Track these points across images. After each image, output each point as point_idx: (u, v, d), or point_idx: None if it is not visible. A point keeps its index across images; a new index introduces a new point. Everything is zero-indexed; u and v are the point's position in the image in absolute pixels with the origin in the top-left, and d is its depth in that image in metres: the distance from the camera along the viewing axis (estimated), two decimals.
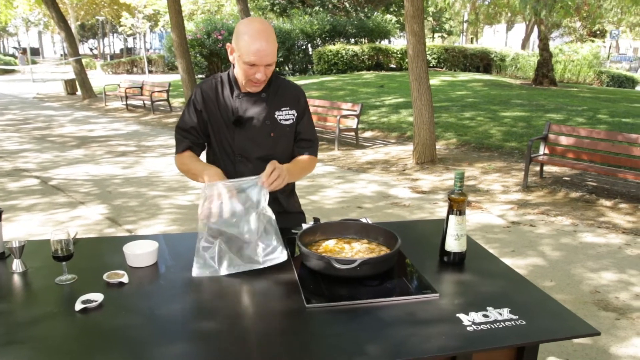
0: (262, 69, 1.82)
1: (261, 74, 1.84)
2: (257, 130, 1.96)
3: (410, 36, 6.94)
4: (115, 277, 1.53)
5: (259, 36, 1.77)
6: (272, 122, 1.98)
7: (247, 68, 1.82)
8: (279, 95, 2.01)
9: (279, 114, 1.99)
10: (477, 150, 8.14)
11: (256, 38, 1.77)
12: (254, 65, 1.80)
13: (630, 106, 11.97)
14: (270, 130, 1.98)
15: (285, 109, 2.01)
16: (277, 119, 1.99)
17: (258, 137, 1.97)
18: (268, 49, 1.79)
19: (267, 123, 1.97)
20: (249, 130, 1.96)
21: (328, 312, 1.38)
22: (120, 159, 7.61)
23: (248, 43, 1.77)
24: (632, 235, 4.65)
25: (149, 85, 13.29)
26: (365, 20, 23.83)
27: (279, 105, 2.00)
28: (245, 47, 1.78)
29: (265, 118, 1.97)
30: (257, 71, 1.82)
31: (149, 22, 37.45)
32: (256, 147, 1.97)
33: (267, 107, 1.98)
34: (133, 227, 4.70)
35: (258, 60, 1.79)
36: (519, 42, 30.33)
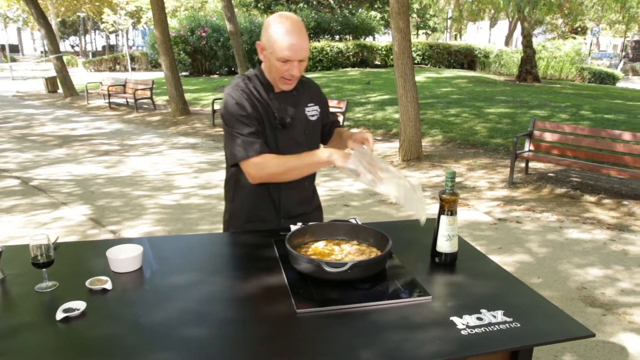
0: (295, 65, 1.77)
1: (295, 70, 1.78)
2: (296, 130, 1.93)
3: (396, 33, 6.92)
4: (99, 283, 1.48)
5: (291, 31, 1.72)
6: (304, 119, 1.96)
7: (281, 65, 1.76)
8: (305, 91, 1.98)
9: (307, 110, 1.98)
10: (463, 147, 8.17)
11: (288, 33, 1.72)
12: (287, 62, 1.75)
13: (611, 102, 12.14)
14: (304, 128, 1.96)
15: (311, 105, 2.00)
16: (307, 115, 1.97)
17: (298, 137, 1.93)
18: (301, 43, 1.74)
19: (302, 121, 1.95)
20: (291, 130, 1.91)
21: (319, 317, 1.34)
22: (103, 158, 7.49)
23: (280, 38, 1.72)
24: (616, 230, 4.69)
25: (132, 83, 13.11)
26: (350, 17, 23.82)
27: (306, 102, 1.98)
28: (278, 43, 1.72)
29: (300, 116, 1.94)
30: (291, 67, 1.77)
31: (131, 18, 36.98)
32: (297, 147, 1.90)
33: (300, 105, 1.95)
34: (117, 227, 4.62)
35: (292, 55, 1.74)
36: (503, 39, 30.56)
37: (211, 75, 20.58)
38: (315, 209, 2.18)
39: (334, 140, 2.11)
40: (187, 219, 4.86)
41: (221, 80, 18.25)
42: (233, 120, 1.82)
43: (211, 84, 16.97)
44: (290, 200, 2.01)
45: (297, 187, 1.98)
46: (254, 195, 1.98)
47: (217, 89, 15.72)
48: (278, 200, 1.99)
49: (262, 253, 1.75)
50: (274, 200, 1.99)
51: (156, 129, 10.19)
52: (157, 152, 8.02)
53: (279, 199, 1.99)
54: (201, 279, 1.56)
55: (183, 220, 4.84)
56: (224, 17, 15.89)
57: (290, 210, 2.03)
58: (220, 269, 1.66)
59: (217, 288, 1.50)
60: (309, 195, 2.12)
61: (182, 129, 10.14)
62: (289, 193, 1.99)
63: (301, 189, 2.01)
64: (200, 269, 1.64)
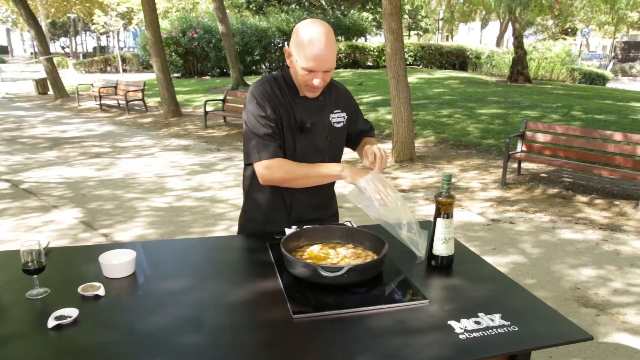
0: (320, 75, 1.74)
1: (319, 80, 1.75)
2: (317, 135, 1.90)
3: (388, 34, 6.93)
4: (91, 289, 1.45)
5: (318, 40, 1.68)
6: (327, 125, 1.93)
7: (305, 74, 1.74)
8: (332, 97, 1.95)
9: (333, 117, 1.94)
10: (455, 147, 8.19)
11: (314, 42, 1.68)
12: (312, 72, 1.72)
13: (602, 103, 12.22)
14: (326, 134, 1.93)
15: (337, 111, 1.96)
16: (331, 122, 1.94)
17: (318, 142, 1.91)
18: (327, 54, 1.70)
19: (324, 127, 1.92)
20: (310, 135, 1.88)
21: (315, 322, 1.33)
22: (95, 161, 7.43)
23: (306, 47, 1.69)
24: (608, 230, 4.72)
25: (124, 85, 13.02)
26: (342, 18, 23.84)
27: (333, 108, 1.95)
28: (303, 52, 1.69)
29: (323, 122, 1.91)
30: (315, 77, 1.74)
31: (122, 20, 36.80)
32: (315, 153, 1.89)
33: (324, 110, 1.92)
34: (109, 231, 4.58)
35: (316, 66, 1.71)
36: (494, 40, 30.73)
37: (203, 77, 20.51)
38: (331, 215, 2.13)
39: (359, 149, 2.07)
40: (179, 222, 4.83)
41: (213, 82, 18.19)
42: (252, 118, 1.81)
43: (203, 86, 16.92)
44: (303, 204, 1.97)
45: (312, 191, 1.93)
46: (268, 195, 1.96)
47: (210, 90, 15.66)
48: (290, 203, 1.97)
49: (257, 257, 1.73)
50: (286, 203, 1.97)
51: (148, 131, 10.13)
52: (149, 154, 7.97)
53: (291, 202, 1.96)
54: (196, 284, 1.53)
55: (176, 223, 4.80)
56: (215, 19, 15.85)
57: (303, 215, 1.99)
58: (215, 273, 1.64)
59: (211, 293, 1.48)
60: (325, 200, 2.07)
61: (174, 131, 10.08)
62: (302, 197, 1.95)
63: (316, 193, 1.96)
64: (194, 273, 1.62)
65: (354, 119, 2.05)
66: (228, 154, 7.98)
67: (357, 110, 2.08)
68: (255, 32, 20.44)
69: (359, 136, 2.09)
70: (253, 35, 20.31)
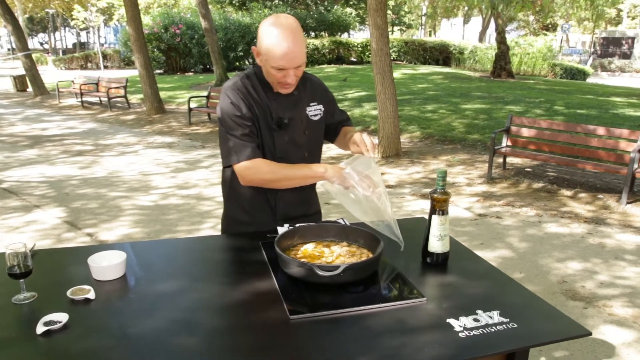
0: (291, 72, 1.71)
1: (292, 77, 1.72)
2: (295, 130, 1.87)
3: (374, 29, 6.91)
4: (81, 293, 1.41)
5: (285, 37, 1.64)
6: (305, 119, 1.90)
7: (276, 72, 1.70)
8: (307, 90, 1.92)
9: (309, 110, 1.92)
10: (441, 142, 8.23)
11: (282, 40, 1.64)
12: (283, 69, 1.69)
13: (583, 98, 12.38)
14: (304, 128, 1.90)
15: (314, 104, 1.93)
16: (308, 115, 1.91)
17: (296, 137, 1.88)
18: (297, 50, 1.66)
19: (302, 122, 1.89)
20: (289, 131, 1.85)
21: (313, 322, 1.31)
22: (77, 159, 7.30)
23: (274, 46, 1.65)
24: (593, 224, 4.77)
25: (105, 81, 12.81)
26: (326, 13, 23.78)
27: (309, 101, 1.92)
28: (272, 51, 1.65)
29: (300, 116, 1.88)
30: (287, 74, 1.71)
31: (102, 15, 36.21)
32: (295, 148, 1.87)
33: (300, 105, 1.89)
34: (93, 230, 4.49)
35: (287, 64, 1.67)
36: (476, 35, 30.93)
37: (186, 73, 20.30)
38: (316, 212, 2.11)
39: (339, 142, 2.06)
40: (165, 220, 4.76)
41: (196, 78, 18.01)
42: (228, 120, 1.77)
43: (186, 82, 16.74)
44: (287, 202, 1.95)
45: (297, 188, 1.91)
46: (250, 196, 1.93)
47: (193, 86, 15.50)
48: (274, 202, 1.94)
49: (250, 257, 1.70)
50: (270, 202, 1.94)
51: (131, 128, 9.99)
52: (132, 151, 7.86)
53: (275, 201, 1.93)
54: (188, 286, 1.50)
55: (162, 221, 4.74)
56: (198, 14, 15.68)
57: (288, 212, 1.96)
58: (208, 274, 1.60)
59: (205, 295, 1.44)
60: (309, 196, 2.05)
61: (158, 128, 9.96)
62: (285, 195, 1.93)
63: (300, 190, 1.94)
64: (187, 275, 1.59)
65: (331, 110, 2.03)
66: (213, 150, 7.90)
67: (333, 102, 2.06)
68: (239, 28, 20.28)
69: (337, 127, 2.07)
70: (236, 31, 20.15)
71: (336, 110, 2.06)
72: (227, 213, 2.04)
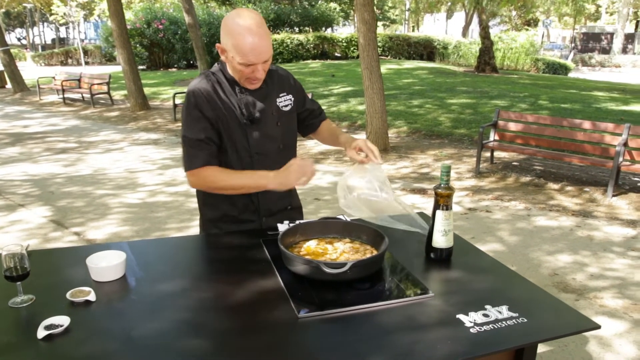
0: (260, 67, 1.68)
1: (260, 72, 1.69)
2: (268, 124, 1.83)
3: (361, 24, 6.89)
4: (81, 295, 1.36)
5: (251, 32, 1.60)
6: (276, 111, 1.87)
7: (244, 68, 1.67)
8: (275, 82, 1.89)
9: (280, 101, 1.89)
10: (428, 137, 8.25)
11: (248, 35, 1.60)
12: (251, 65, 1.65)
13: (566, 92, 12.53)
14: (276, 120, 1.86)
15: (283, 95, 1.91)
16: (279, 106, 1.88)
17: (269, 130, 1.84)
18: (263, 45, 1.63)
19: (273, 114, 1.85)
20: (261, 125, 1.81)
21: (322, 321, 1.28)
22: (61, 157, 7.16)
23: (240, 42, 1.61)
24: (580, 217, 4.83)
25: (88, 77, 12.60)
26: (310, 8, 23.69)
27: (278, 92, 1.89)
28: (239, 47, 1.61)
29: (270, 108, 1.85)
30: (255, 69, 1.68)
31: (83, 10, 35.59)
32: (270, 141, 1.84)
33: (270, 96, 1.85)
34: (81, 229, 4.41)
35: (255, 59, 1.64)
36: (459, 30, 31.11)
37: (169, 69, 20.07)
38: (296, 207, 2.09)
39: (324, 137, 2.05)
40: (154, 218, 4.70)
41: (180, 74, 17.82)
42: (188, 121, 1.75)
43: (170, 78, 16.56)
44: (270, 197, 1.91)
45: None
46: (227, 197, 1.89)
47: (177, 82, 15.34)
48: (257, 200, 1.91)
49: (252, 255, 1.67)
50: (252, 201, 1.91)
51: (115, 125, 9.84)
52: (117, 148, 7.74)
53: (257, 198, 1.90)
54: (191, 286, 1.47)
55: (150, 219, 4.67)
56: (181, 9, 15.50)
57: (271, 207, 1.94)
58: (210, 273, 1.57)
59: (209, 295, 1.41)
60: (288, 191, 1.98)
61: (143, 125, 9.83)
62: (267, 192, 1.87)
63: None
64: (188, 274, 1.55)
65: (301, 100, 2.01)
66: None
67: (302, 91, 2.03)
68: None
69: (310, 118, 2.05)
70: (220, 26, 19.97)
71: (306, 99, 2.04)
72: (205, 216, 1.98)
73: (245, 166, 1.82)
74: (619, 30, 35.43)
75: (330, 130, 2.05)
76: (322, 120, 2.07)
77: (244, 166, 1.82)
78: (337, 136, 1.99)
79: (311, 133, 2.09)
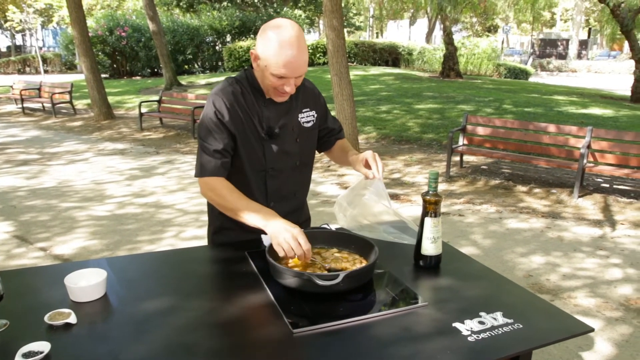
0: (292, 81, 1.62)
1: (291, 86, 1.63)
2: (286, 139, 1.77)
3: (330, 31, 6.91)
4: (60, 317, 1.28)
5: (290, 45, 1.54)
6: (296, 126, 1.80)
7: (275, 80, 1.60)
8: (299, 96, 1.83)
9: (302, 117, 1.82)
10: (397, 143, 8.32)
11: (287, 47, 1.54)
12: (283, 77, 1.60)
13: (529, 96, 12.87)
14: (296, 136, 1.80)
15: (306, 110, 1.84)
16: (300, 122, 1.82)
17: (287, 146, 1.78)
18: (300, 60, 1.57)
19: (293, 129, 1.79)
20: (280, 140, 1.75)
21: (317, 335, 1.25)
22: (22, 169, 6.89)
23: (277, 53, 1.54)
24: (550, 218, 4.94)
25: (48, 86, 12.21)
26: (275, 15, 23.64)
27: (301, 108, 1.83)
28: (275, 58, 1.55)
29: (291, 123, 1.78)
30: (287, 83, 1.61)
31: (40, 17, 34.54)
32: (287, 157, 1.76)
33: (292, 111, 1.79)
34: (47, 244, 4.24)
35: (289, 73, 1.58)
36: (422, 37, 31.64)
37: (133, 77, 19.68)
38: (306, 220, 2.04)
39: (336, 156, 1.99)
40: (124, 230, 4.56)
41: (145, 82, 17.48)
42: (204, 130, 1.69)
43: (134, 86, 16.22)
44: (280, 210, 1.87)
45: (288, 198, 1.85)
46: None
47: (142, 91, 15.04)
48: None
49: (238, 268, 1.62)
50: None
51: (79, 135, 9.55)
52: (82, 159, 7.50)
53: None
54: (178, 304, 1.40)
55: (120, 231, 4.53)
56: (144, 17, 15.23)
57: None
58: (196, 289, 1.51)
59: (198, 313, 1.35)
60: (299, 205, 1.97)
61: (108, 134, 9.58)
62: (278, 204, 1.83)
63: (291, 199, 1.87)
64: (173, 291, 1.49)
65: (323, 116, 1.96)
66: (168, 156, 7.66)
67: (326, 108, 1.98)
68: (187, 31, 19.86)
69: (328, 136, 2.00)
70: (185, 34, 19.72)
71: (329, 117, 1.99)
72: (214, 221, 1.93)
73: (258, 179, 1.77)
74: (573, 36, 36.78)
75: (342, 148, 1.98)
76: (338, 138, 2.01)
77: (257, 179, 1.77)
78: (346, 154, 1.93)
79: (325, 151, 2.03)
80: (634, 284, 3.62)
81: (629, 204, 5.28)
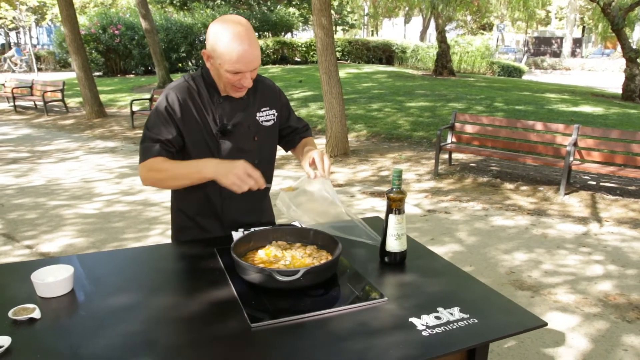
0: (248, 75, 1.64)
1: (248, 80, 1.65)
2: (242, 137, 1.78)
3: (319, 29, 6.93)
4: (24, 312, 1.31)
5: (241, 39, 1.56)
6: (254, 124, 1.82)
7: (231, 76, 1.62)
8: (258, 94, 1.84)
9: (260, 115, 1.83)
10: (388, 140, 8.35)
11: (238, 42, 1.56)
12: (238, 72, 1.62)
13: (520, 94, 12.92)
14: (253, 134, 1.82)
15: (266, 109, 1.85)
16: (258, 120, 1.83)
17: (243, 144, 1.79)
18: (253, 53, 1.60)
19: (250, 127, 1.80)
20: (234, 138, 1.76)
21: (275, 329, 1.28)
22: (12, 167, 6.89)
23: (229, 49, 1.56)
24: (535, 215, 4.98)
25: (40, 85, 12.16)
26: (269, 13, 23.65)
27: (260, 106, 1.84)
28: (227, 54, 1.57)
29: (248, 122, 1.79)
30: (243, 77, 1.64)
31: (34, 15, 34.40)
32: (243, 155, 1.75)
33: (249, 109, 1.80)
34: (33, 242, 4.25)
35: (244, 67, 1.60)
36: (417, 35, 31.66)
37: (127, 75, 19.63)
38: (268, 220, 2.03)
39: (298, 153, 1.99)
40: (111, 229, 4.58)
41: (138, 80, 17.46)
42: (156, 120, 1.70)
43: (127, 84, 16.19)
44: (236, 208, 1.88)
45: (243, 195, 1.87)
46: (196, 202, 1.86)
47: (135, 89, 15.02)
48: (220, 209, 1.87)
49: (205, 264, 1.65)
50: (216, 209, 1.87)
51: (70, 133, 9.54)
52: (73, 157, 7.51)
53: (222, 207, 1.87)
54: (142, 299, 1.43)
55: (107, 230, 4.55)
56: (137, 15, 15.21)
57: (238, 219, 1.90)
58: (162, 285, 1.54)
59: (161, 308, 1.38)
60: (259, 203, 1.98)
61: (99, 133, 9.57)
62: (231, 202, 1.85)
63: (248, 196, 1.90)
64: (140, 287, 1.51)
65: (285, 116, 1.97)
66: None
67: (288, 107, 1.99)
68: (180, 29, 19.82)
69: (292, 135, 2.01)
70: (178, 32, 19.68)
71: (292, 116, 2.00)
72: (175, 220, 1.97)
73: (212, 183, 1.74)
74: (567, 35, 36.88)
75: (303, 145, 1.98)
76: (303, 137, 2.02)
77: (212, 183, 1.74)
78: (303, 146, 1.95)
79: (290, 149, 2.04)
80: (614, 280, 3.66)
81: (614, 201, 5.33)
